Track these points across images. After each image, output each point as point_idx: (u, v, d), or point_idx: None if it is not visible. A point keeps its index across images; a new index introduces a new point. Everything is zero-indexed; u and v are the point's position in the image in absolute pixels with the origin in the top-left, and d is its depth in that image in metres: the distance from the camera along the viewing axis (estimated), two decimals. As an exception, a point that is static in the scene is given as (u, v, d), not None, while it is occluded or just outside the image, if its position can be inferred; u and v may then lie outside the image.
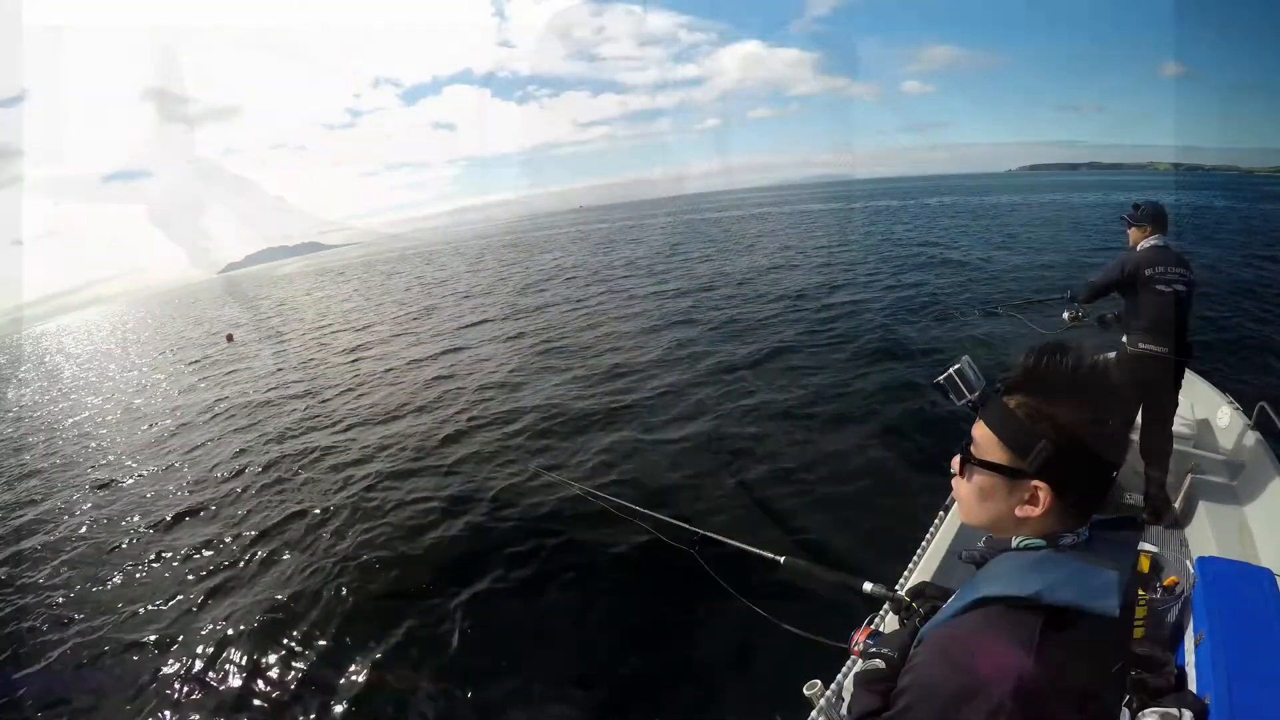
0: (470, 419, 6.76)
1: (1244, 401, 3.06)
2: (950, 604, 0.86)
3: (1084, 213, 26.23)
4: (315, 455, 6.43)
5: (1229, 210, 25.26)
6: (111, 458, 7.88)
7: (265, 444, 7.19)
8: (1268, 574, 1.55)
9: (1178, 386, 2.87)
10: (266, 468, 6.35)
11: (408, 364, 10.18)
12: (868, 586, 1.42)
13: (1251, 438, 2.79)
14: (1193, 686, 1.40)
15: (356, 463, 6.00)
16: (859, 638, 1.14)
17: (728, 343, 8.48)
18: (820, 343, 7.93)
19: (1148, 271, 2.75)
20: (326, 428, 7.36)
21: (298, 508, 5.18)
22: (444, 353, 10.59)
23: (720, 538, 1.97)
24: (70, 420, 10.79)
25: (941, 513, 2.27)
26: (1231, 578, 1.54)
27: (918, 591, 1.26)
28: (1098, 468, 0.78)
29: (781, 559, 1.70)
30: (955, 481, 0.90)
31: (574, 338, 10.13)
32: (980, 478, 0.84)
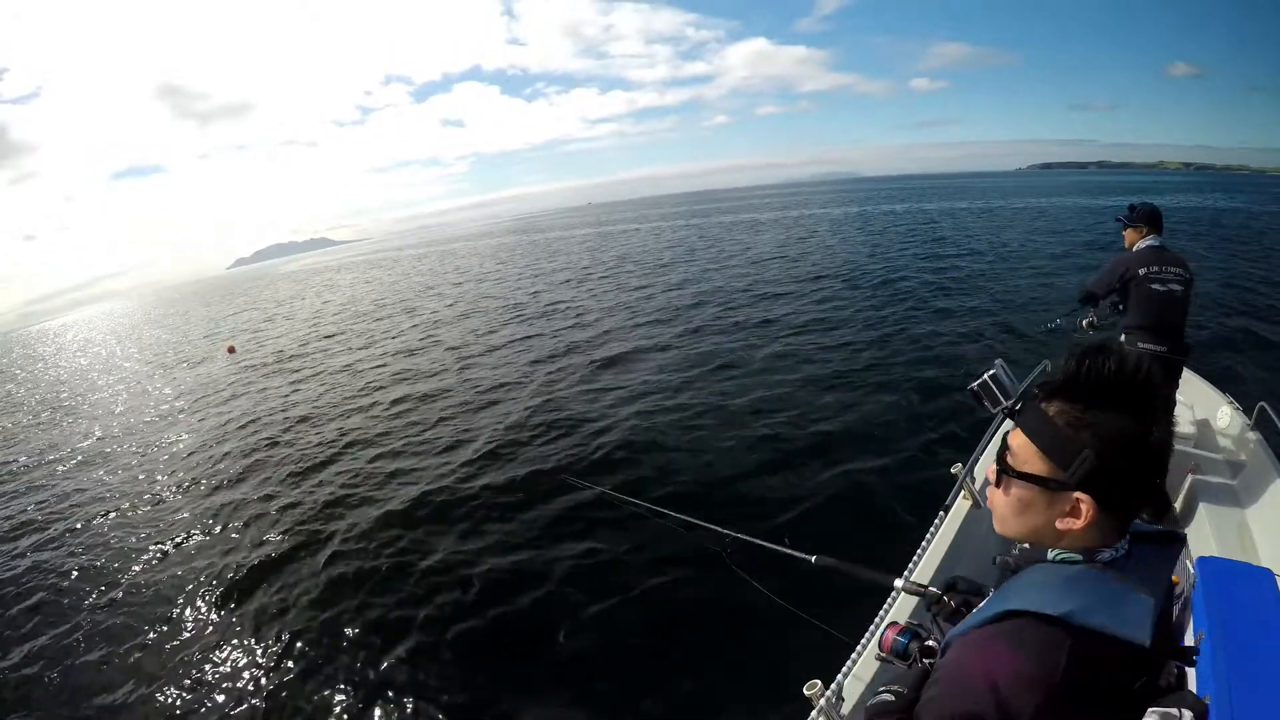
0: (483, 427, 6.77)
1: (1244, 401, 3.04)
2: (979, 611, 0.83)
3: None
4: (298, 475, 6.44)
5: (1237, 210, 25.13)
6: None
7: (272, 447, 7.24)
8: (1268, 574, 1.55)
9: (1174, 386, 2.87)
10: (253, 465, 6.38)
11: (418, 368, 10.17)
12: (898, 583, 1.42)
13: (1251, 438, 2.78)
14: (1193, 686, 1.39)
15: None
16: (890, 635, 1.13)
17: (738, 340, 8.52)
18: (851, 347, 7.84)
19: (1143, 271, 2.76)
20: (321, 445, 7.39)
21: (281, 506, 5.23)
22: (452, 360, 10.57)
23: (752, 540, 1.99)
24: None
25: (947, 505, 2.26)
26: (1231, 578, 1.53)
27: (950, 585, 1.24)
28: (1142, 478, 0.74)
29: (813, 558, 1.70)
30: (990, 491, 0.86)
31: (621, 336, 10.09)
32: (1019, 489, 0.80)
